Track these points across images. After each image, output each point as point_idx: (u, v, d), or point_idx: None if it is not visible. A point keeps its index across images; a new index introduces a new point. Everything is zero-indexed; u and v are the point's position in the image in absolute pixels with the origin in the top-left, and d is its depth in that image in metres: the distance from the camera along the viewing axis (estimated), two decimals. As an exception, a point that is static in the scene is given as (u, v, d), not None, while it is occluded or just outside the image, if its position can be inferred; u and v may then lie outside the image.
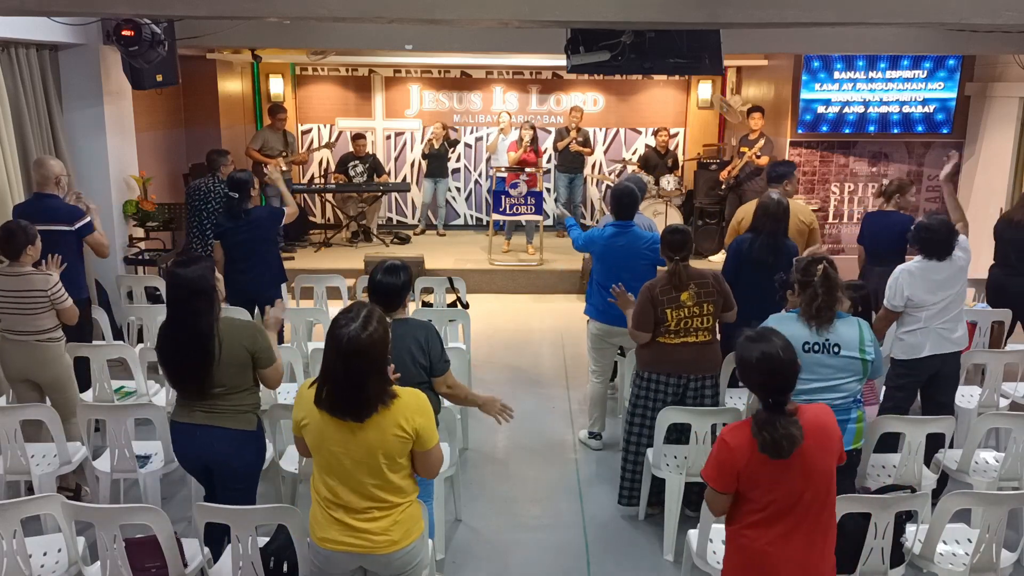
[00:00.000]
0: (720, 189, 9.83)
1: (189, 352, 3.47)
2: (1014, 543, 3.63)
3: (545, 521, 4.73)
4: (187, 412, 3.58)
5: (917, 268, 4.73)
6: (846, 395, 3.67)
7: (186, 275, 3.48)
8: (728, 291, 4.60)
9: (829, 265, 3.67)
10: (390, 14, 4.51)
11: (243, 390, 3.60)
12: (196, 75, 9.72)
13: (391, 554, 2.86)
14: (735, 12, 4.52)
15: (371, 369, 2.73)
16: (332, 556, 2.87)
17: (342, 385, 2.74)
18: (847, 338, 3.65)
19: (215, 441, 3.56)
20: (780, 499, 2.77)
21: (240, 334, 3.56)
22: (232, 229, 5.99)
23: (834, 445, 2.83)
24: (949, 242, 4.71)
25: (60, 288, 4.58)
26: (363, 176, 10.44)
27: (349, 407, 2.75)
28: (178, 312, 3.52)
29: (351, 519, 2.83)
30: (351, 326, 2.73)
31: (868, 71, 9.01)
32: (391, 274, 3.62)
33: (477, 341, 7.18)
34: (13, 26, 5.89)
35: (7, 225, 4.57)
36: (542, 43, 6.59)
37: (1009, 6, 4.49)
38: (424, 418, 2.84)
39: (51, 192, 5.39)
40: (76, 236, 5.32)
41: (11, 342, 4.61)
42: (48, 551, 3.46)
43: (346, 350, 2.71)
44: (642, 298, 4.52)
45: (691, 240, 4.58)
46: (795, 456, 2.72)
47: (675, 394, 4.49)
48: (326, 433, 2.80)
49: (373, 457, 2.78)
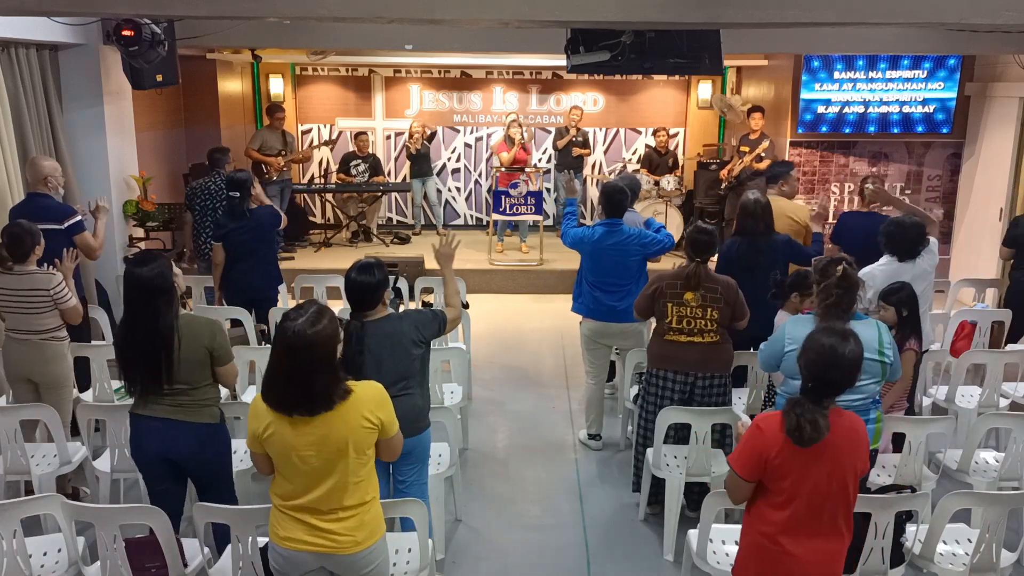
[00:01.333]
0: (720, 189, 9.82)
1: (150, 350, 3.46)
2: (1014, 543, 3.63)
3: (545, 521, 4.73)
4: (147, 405, 3.57)
5: (880, 271, 4.79)
6: (865, 396, 3.67)
7: (144, 274, 3.47)
8: (740, 302, 4.53)
9: (849, 266, 3.66)
10: (390, 14, 4.51)
11: (204, 385, 3.61)
12: (196, 75, 9.71)
13: (355, 555, 2.86)
14: (735, 12, 4.52)
15: (317, 365, 2.74)
16: (294, 556, 2.86)
17: (286, 380, 2.75)
18: (866, 339, 3.61)
19: (179, 435, 3.55)
20: (804, 495, 2.79)
21: (199, 332, 3.56)
22: (235, 229, 5.98)
23: (863, 452, 2.86)
24: (916, 244, 4.79)
25: (63, 288, 4.58)
26: (365, 175, 10.44)
27: (295, 402, 2.75)
28: (137, 311, 3.51)
29: (316, 520, 2.84)
30: (298, 320, 2.75)
31: (868, 71, 9.01)
32: (365, 272, 3.59)
33: (477, 341, 7.18)
34: (13, 26, 5.89)
35: (12, 229, 4.55)
36: (542, 43, 6.59)
37: (1009, 6, 4.49)
38: (386, 408, 2.92)
39: (42, 191, 5.39)
40: (66, 235, 5.30)
41: (15, 341, 4.61)
42: (48, 551, 3.46)
43: (291, 343, 2.72)
44: (650, 285, 4.56)
45: (716, 242, 4.54)
46: (824, 452, 2.76)
47: (682, 391, 4.51)
48: (292, 439, 2.78)
49: (343, 451, 2.79)
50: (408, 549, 3.50)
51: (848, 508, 2.86)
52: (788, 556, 2.82)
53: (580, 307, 5.50)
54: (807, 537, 2.81)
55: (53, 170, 5.48)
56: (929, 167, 9.35)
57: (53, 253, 4.85)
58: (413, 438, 3.61)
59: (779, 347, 3.74)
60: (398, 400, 3.12)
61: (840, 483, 2.80)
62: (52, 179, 5.44)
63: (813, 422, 2.74)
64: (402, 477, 3.76)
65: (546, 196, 10.74)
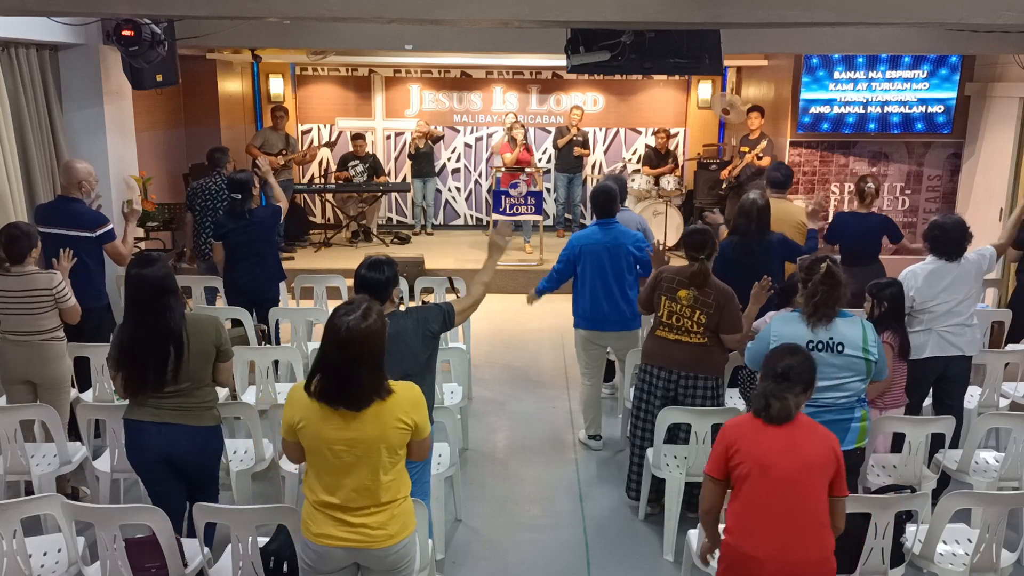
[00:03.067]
0: (720, 189, 9.82)
1: (160, 350, 3.48)
2: (1014, 543, 3.63)
3: (545, 521, 4.73)
4: (148, 411, 3.57)
5: (923, 269, 4.72)
6: (850, 394, 3.68)
7: (152, 274, 3.51)
8: (733, 314, 4.41)
9: (833, 264, 3.68)
10: (390, 14, 4.51)
11: (206, 385, 3.65)
12: (196, 75, 9.72)
13: (387, 548, 2.88)
14: (735, 12, 4.52)
15: (367, 360, 2.77)
16: (328, 552, 2.87)
17: (337, 374, 2.77)
18: (850, 337, 3.66)
19: (182, 438, 3.57)
20: (761, 487, 2.88)
21: (206, 328, 3.60)
22: (236, 229, 5.99)
23: (830, 451, 2.94)
24: (960, 243, 4.68)
25: (64, 287, 4.58)
26: (363, 176, 10.45)
27: (343, 396, 2.78)
28: (144, 312, 3.52)
29: (348, 516, 2.85)
30: (351, 315, 2.77)
31: (868, 71, 9.00)
32: (375, 269, 3.60)
33: (477, 341, 7.18)
34: (13, 26, 5.89)
35: (10, 231, 4.54)
36: (542, 43, 6.59)
37: (1009, 6, 4.49)
38: (420, 411, 2.93)
39: (75, 196, 5.37)
40: (97, 243, 5.31)
41: (12, 343, 4.59)
42: (48, 551, 3.46)
43: (344, 339, 2.74)
44: (652, 278, 4.60)
45: (712, 239, 4.52)
46: (788, 446, 2.88)
47: (666, 388, 4.51)
48: (325, 432, 2.81)
49: (376, 449, 2.81)
50: (408, 549, 3.49)
51: (817, 504, 2.90)
52: (754, 560, 2.88)
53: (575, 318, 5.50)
54: (773, 535, 2.86)
55: (88, 174, 5.44)
56: (929, 167, 9.35)
57: (84, 260, 4.86)
58: (416, 437, 3.63)
59: (764, 344, 3.76)
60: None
61: (806, 473, 2.87)
62: (86, 183, 5.41)
63: (782, 399, 2.90)
64: (403, 476, 3.76)
65: (546, 196, 10.74)
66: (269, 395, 5.02)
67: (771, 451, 2.90)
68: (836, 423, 3.64)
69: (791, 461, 2.88)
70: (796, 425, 2.95)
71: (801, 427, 2.96)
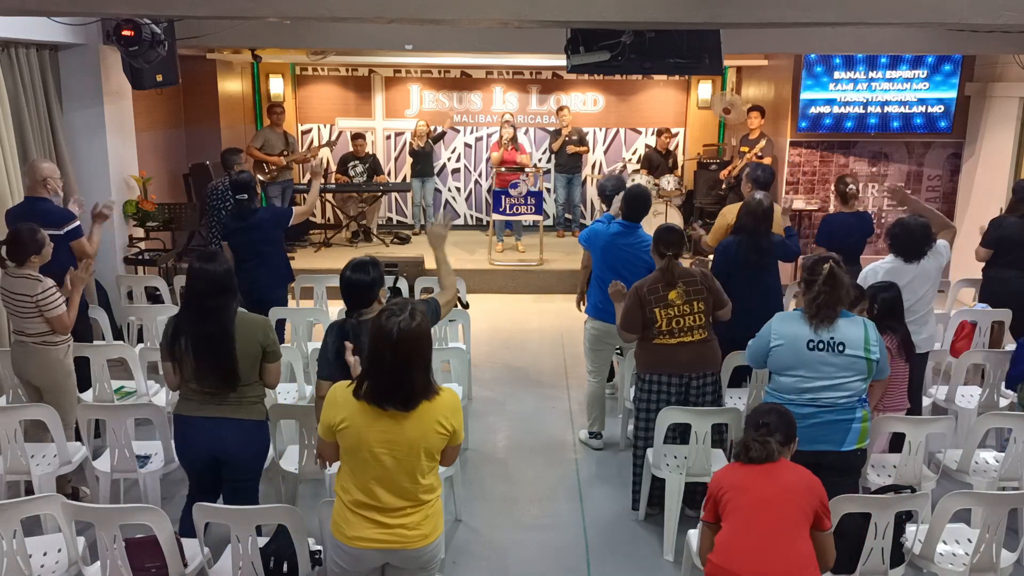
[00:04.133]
0: (720, 189, 9.82)
1: (209, 346, 3.52)
2: (1014, 543, 3.63)
3: (545, 521, 4.73)
4: (195, 405, 3.62)
5: (883, 268, 4.83)
6: (851, 394, 3.67)
7: (214, 270, 3.55)
8: (718, 288, 4.61)
9: (835, 264, 3.68)
10: (390, 14, 4.51)
11: (253, 382, 3.68)
12: (196, 75, 9.71)
13: (422, 548, 2.90)
14: (735, 12, 4.52)
15: (417, 360, 2.80)
16: (362, 554, 2.87)
17: (390, 375, 2.78)
18: (852, 337, 3.65)
19: (227, 432, 3.60)
20: (744, 512, 2.95)
21: (254, 328, 3.63)
22: (238, 230, 5.99)
23: (811, 485, 3.00)
24: (922, 245, 4.82)
25: (50, 295, 4.47)
26: (363, 176, 10.45)
27: (396, 396, 2.79)
28: (199, 306, 3.56)
29: (385, 517, 2.85)
30: (401, 316, 2.79)
31: (868, 71, 9.00)
32: (360, 271, 3.60)
33: (477, 341, 7.18)
34: (13, 26, 5.89)
35: (18, 232, 4.54)
36: (542, 43, 6.59)
37: (1009, 6, 4.49)
38: (459, 417, 2.95)
39: (41, 195, 5.37)
40: (65, 239, 5.27)
41: (15, 343, 4.62)
42: (48, 551, 3.46)
43: (397, 339, 2.76)
44: (630, 298, 4.55)
45: (684, 238, 4.61)
46: (769, 472, 2.99)
47: (678, 394, 4.49)
48: (367, 433, 2.81)
49: (415, 453, 2.82)
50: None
51: (798, 535, 2.92)
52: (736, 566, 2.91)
53: (589, 307, 5.53)
54: (750, 555, 2.89)
55: (52, 172, 5.45)
56: (929, 167, 9.35)
57: (56, 258, 4.84)
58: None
59: (765, 343, 3.77)
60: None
61: (780, 506, 2.92)
62: (51, 181, 5.41)
63: (763, 442, 3.01)
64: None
65: (546, 196, 10.75)
66: (270, 395, 5.00)
67: (749, 478, 2.99)
68: (836, 423, 3.64)
69: (769, 486, 2.96)
70: (779, 464, 3.04)
71: (783, 465, 3.05)
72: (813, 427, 3.62)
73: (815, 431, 3.61)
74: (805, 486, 2.98)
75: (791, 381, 3.68)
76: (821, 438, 3.62)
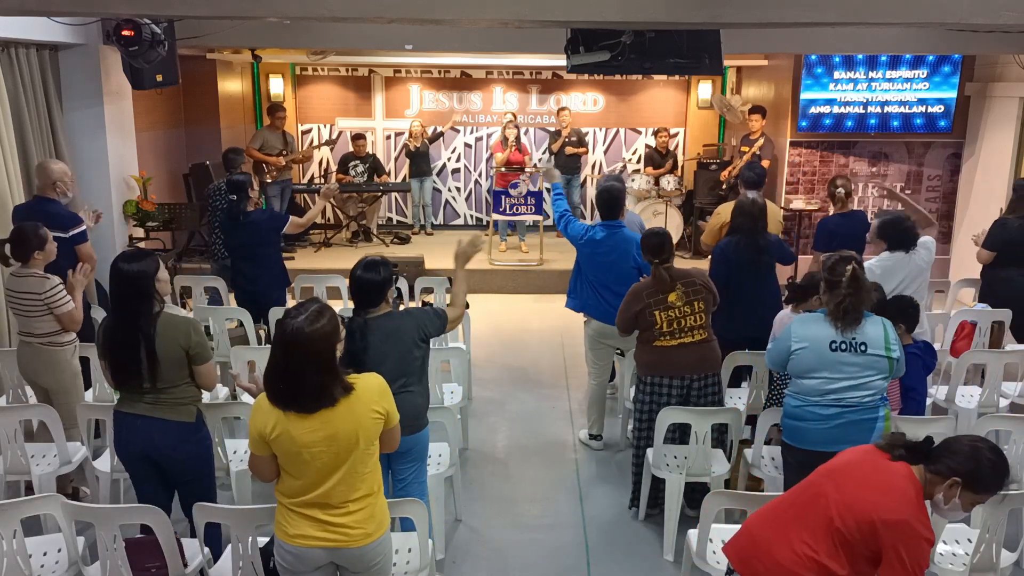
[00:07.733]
0: (720, 189, 9.82)
1: (131, 347, 3.47)
2: (1014, 543, 3.63)
3: (545, 521, 4.73)
4: (128, 403, 3.59)
5: (879, 265, 4.88)
6: (873, 392, 3.66)
7: (128, 271, 3.50)
8: (712, 286, 4.63)
9: (858, 266, 3.66)
10: (390, 14, 4.51)
11: (182, 383, 3.61)
12: (196, 75, 9.72)
13: (365, 547, 2.88)
14: (735, 12, 4.51)
15: (313, 362, 2.75)
16: (305, 553, 2.86)
17: (283, 376, 2.76)
18: (873, 336, 3.64)
19: (155, 432, 3.56)
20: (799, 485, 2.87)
21: (176, 330, 3.55)
22: (231, 231, 6.01)
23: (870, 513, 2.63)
24: (914, 232, 4.97)
25: (57, 292, 4.49)
26: (363, 176, 10.45)
27: (291, 398, 2.76)
28: (118, 306, 3.54)
29: (326, 515, 2.84)
30: (298, 318, 2.76)
31: (868, 71, 9.00)
32: (371, 270, 3.60)
33: (477, 341, 7.18)
34: (13, 26, 5.89)
35: (20, 228, 4.54)
36: (542, 43, 6.59)
37: (1009, 6, 4.49)
38: (388, 398, 2.94)
39: (50, 196, 5.37)
40: (71, 243, 5.27)
41: (22, 343, 4.62)
42: (48, 551, 3.46)
43: (288, 341, 2.74)
44: (628, 298, 4.55)
45: (670, 242, 4.57)
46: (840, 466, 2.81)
47: (680, 395, 4.49)
48: (301, 435, 2.77)
49: (354, 444, 2.80)
50: (408, 549, 3.50)
51: (827, 540, 2.67)
52: (752, 541, 2.83)
53: (577, 304, 5.51)
54: (771, 528, 2.80)
55: (63, 175, 5.43)
56: (929, 167, 9.35)
57: (59, 260, 4.84)
58: (412, 436, 3.62)
59: (785, 347, 3.74)
60: (399, 397, 3.12)
61: (821, 495, 2.71)
62: (61, 184, 5.41)
63: None
64: (401, 476, 3.76)
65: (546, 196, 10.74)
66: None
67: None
68: (862, 423, 3.63)
69: (829, 479, 2.75)
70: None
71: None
72: (838, 427, 3.62)
73: (840, 431, 3.61)
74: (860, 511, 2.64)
75: (815, 383, 3.67)
76: (846, 438, 3.59)
